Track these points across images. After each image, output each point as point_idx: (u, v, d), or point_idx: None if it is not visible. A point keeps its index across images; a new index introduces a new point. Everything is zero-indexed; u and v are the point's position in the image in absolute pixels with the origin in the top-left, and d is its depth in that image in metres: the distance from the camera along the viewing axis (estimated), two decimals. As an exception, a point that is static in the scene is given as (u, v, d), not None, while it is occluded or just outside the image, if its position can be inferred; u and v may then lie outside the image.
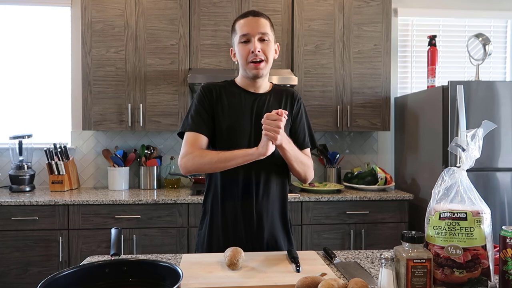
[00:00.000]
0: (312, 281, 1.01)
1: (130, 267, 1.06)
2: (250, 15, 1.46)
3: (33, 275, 2.57)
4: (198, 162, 1.40)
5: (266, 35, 1.45)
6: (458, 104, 2.56)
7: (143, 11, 2.89)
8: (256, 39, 1.43)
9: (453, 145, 1.04)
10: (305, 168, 1.50)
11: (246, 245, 1.44)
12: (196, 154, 1.41)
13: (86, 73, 2.88)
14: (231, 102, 1.50)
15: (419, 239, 0.97)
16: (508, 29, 3.58)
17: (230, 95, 1.51)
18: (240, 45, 1.46)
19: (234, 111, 1.48)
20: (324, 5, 3.03)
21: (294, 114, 1.55)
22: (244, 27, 1.45)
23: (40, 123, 3.22)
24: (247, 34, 1.43)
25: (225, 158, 1.36)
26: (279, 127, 1.28)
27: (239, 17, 1.49)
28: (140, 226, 2.63)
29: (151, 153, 3.16)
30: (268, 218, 1.50)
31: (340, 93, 3.06)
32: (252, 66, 1.45)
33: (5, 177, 3.09)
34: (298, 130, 1.55)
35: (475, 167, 1.11)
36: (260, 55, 1.43)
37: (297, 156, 1.44)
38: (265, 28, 1.45)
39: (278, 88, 1.59)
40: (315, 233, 2.77)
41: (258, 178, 1.48)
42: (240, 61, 1.48)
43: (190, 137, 1.46)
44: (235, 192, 1.48)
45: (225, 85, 1.55)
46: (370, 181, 3.05)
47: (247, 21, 1.45)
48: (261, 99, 1.52)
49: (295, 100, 1.57)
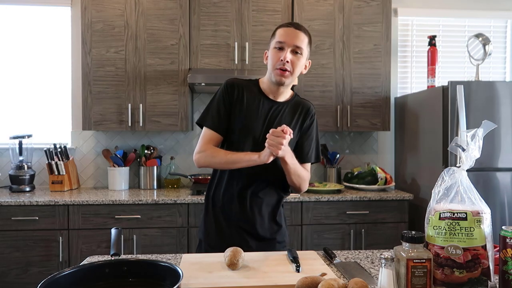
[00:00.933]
0: (312, 281, 1.01)
1: (130, 267, 1.06)
2: (292, 26, 1.53)
3: (33, 275, 2.57)
4: (209, 160, 1.54)
5: (300, 49, 1.52)
6: (458, 104, 2.56)
7: (143, 11, 2.89)
8: (289, 49, 1.50)
9: (453, 145, 1.04)
10: (301, 181, 1.58)
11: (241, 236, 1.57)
12: (208, 153, 1.54)
13: (86, 73, 2.88)
14: (250, 105, 1.57)
15: (419, 239, 0.97)
16: (508, 29, 3.58)
17: (250, 97, 1.58)
18: (274, 50, 1.53)
19: (250, 113, 1.56)
20: (324, 5, 3.03)
21: (304, 128, 1.62)
22: (282, 35, 1.51)
23: (40, 123, 3.22)
24: (283, 42, 1.50)
25: (232, 160, 1.49)
26: (281, 143, 1.37)
27: (283, 25, 1.56)
28: (140, 226, 2.63)
29: (151, 153, 3.16)
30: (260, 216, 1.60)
31: (340, 93, 3.06)
32: (278, 73, 1.51)
33: (5, 177, 3.09)
34: (305, 144, 1.62)
35: (475, 167, 1.11)
36: (288, 66, 1.50)
37: (296, 169, 1.53)
38: (301, 43, 1.51)
39: (296, 100, 1.64)
40: (315, 233, 2.77)
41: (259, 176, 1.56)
42: (269, 64, 1.55)
43: (207, 134, 1.57)
44: (235, 186, 1.58)
45: (249, 85, 1.62)
46: (370, 181, 3.05)
47: (287, 30, 1.52)
48: (277, 107, 1.59)
49: (308, 115, 1.63)
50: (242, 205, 1.58)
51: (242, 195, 1.57)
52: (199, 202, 2.65)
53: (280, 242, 1.65)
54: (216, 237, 1.60)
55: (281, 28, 1.54)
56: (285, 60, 1.48)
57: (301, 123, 1.61)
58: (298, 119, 1.60)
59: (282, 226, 1.66)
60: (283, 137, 1.36)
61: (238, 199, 1.58)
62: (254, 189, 1.58)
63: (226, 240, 1.52)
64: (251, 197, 1.58)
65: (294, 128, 1.57)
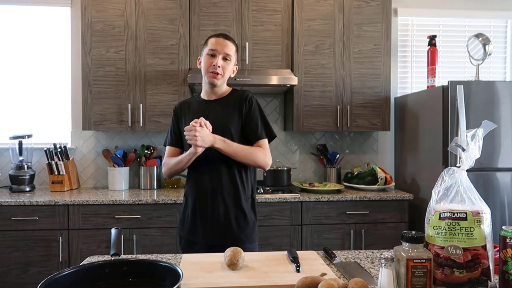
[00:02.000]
0: (312, 281, 1.01)
1: (130, 267, 1.06)
2: (222, 37, 1.79)
3: (33, 275, 2.57)
4: (167, 168, 1.82)
5: (229, 56, 1.78)
6: (458, 104, 2.56)
7: (143, 11, 2.89)
8: (220, 56, 1.76)
9: (453, 145, 1.04)
10: (252, 158, 1.73)
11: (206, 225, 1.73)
12: (166, 163, 1.84)
13: (86, 73, 2.88)
14: (191, 111, 1.83)
15: (419, 239, 0.97)
16: (508, 29, 3.58)
17: (191, 106, 1.86)
18: (207, 57, 1.77)
19: (191, 117, 1.74)
20: (324, 5, 3.03)
21: (245, 113, 1.78)
22: (215, 44, 1.77)
23: (40, 123, 3.22)
24: (215, 50, 1.76)
25: (178, 161, 1.75)
26: (194, 136, 1.60)
27: (214, 35, 1.82)
28: (140, 226, 2.63)
29: (151, 153, 3.16)
30: (224, 205, 1.74)
31: (340, 93, 3.06)
32: (211, 75, 1.75)
33: (5, 177, 3.09)
34: (251, 124, 1.78)
35: (475, 167, 1.11)
36: (219, 70, 1.75)
37: (236, 151, 1.70)
38: (230, 51, 1.78)
39: (234, 92, 1.85)
40: (315, 233, 2.77)
41: (210, 170, 1.75)
42: (203, 69, 1.79)
43: (166, 150, 1.88)
44: (197, 180, 1.78)
45: (190, 100, 1.91)
46: (370, 181, 3.05)
47: (218, 40, 1.78)
48: (214, 104, 1.81)
49: (245, 100, 1.79)
50: (206, 196, 1.74)
51: (203, 187, 1.75)
52: (199, 202, 2.65)
53: (244, 228, 1.74)
54: (189, 231, 1.78)
55: (212, 38, 1.80)
56: (217, 65, 1.73)
57: (239, 109, 1.77)
58: (234, 107, 1.78)
59: (247, 215, 1.76)
60: (195, 129, 1.59)
61: (200, 191, 1.75)
62: (212, 179, 1.74)
63: (197, 232, 1.75)
64: (212, 187, 1.73)
65: (232, 116, 1.76)
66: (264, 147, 1.78)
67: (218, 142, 1.66)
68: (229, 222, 1.73)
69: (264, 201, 2.69)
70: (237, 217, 1.74)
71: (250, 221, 1.77)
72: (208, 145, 1.64)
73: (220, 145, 1.67)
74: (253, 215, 1.80)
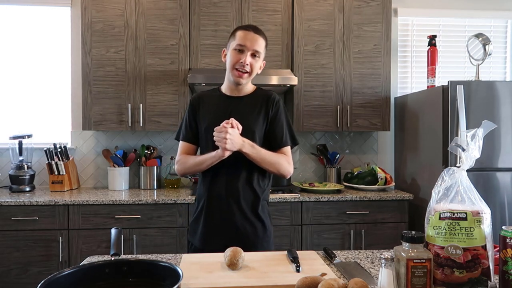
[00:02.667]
0: (312, 281, 1.01)
1: (130, 267, 1.06)
2: (252, 29, 1.62)
3: (33, 275, 2.57)
4: (183, 167, 1.69)
5: (258, 53, 1.63)
6: (458, 104, 2.56)
7: (143, 11, 2.89)
8: (249, 53, 1.61)
9: (453, 145, 1.04)
10: (277, 166, 1.63)
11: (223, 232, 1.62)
12: (181, 161, 1.70)
13: (86, 73, 2.88)
14: (211, 106, 1.69)
15: (419, 239, 0.97)
16: (508, 29, 3.58)
17: (211, 100, 1.71)
18: (234, 52, 1.62)
19: (212, 113, 1.66)
20: (324, 5, 3.03)
21: (271, 116, 1.67)
22: (243, 39, 1.61)
23: (40, 123, 3.22)
24: (243, 46, 1.60)
25: (199, 162, 1.62)
26: (225, 138, 1.47)
27: (242, 27, 1.65)
28: (140, 226, 2.63)
29: (151, 153, 3.16)
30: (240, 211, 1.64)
31: (340, 93, 3.06)
32: (236, 74, 1.62)
33: (5, 177, 3.09)
34: (276, 130, 1.68)
35: (475, 167, 1.11)
36: (247, 68, 1.62)
37: (263, 157, 1.59)
38: (260, 47, 1.63)
39: (258, 92, 1.73)
40: (315, 233, 2.77)
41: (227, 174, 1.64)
42: (228, 64, 1.65)
43: (180, 146, 1.74)
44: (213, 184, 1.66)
45: (210, 93, 1.76)
46: (370, 181, 3.05)
47: (248, 34, 1.61)
48: (238, 102, 1.68)
49: (271, 103, 1.68)
50: (220, 200, 1.63)
51: (219, 191, 1.64)
52: (199, 202, 2.65)
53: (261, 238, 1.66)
54: (203, 239, 1.65)
55: (241, 30, 1.63)
56: (245, 63, 1.60)
57: (265, 111, 1.67)
58: (261, 108, 1.67)
59: (264, 222, 1.67)
60: (225, 131, 1.46)
61: (215, 194, 1.64)
62: (229, 183, 1.63)
63: (209, 237, 1.63)
64: (228, 192, 1.63)
65: (257, 117, 1.65)
66: (288, 155, 1.68)
67: (247, 147, 1.54)
68: (245, 230, 1.63)
69: (264, 201, 2.68)
70: (254, 225, 1.64)
71: (268, 229, 1.68)
72: (237, 149, 1.51)
73: (249, 150, 1.55)
74: (269, 221, 1.71)
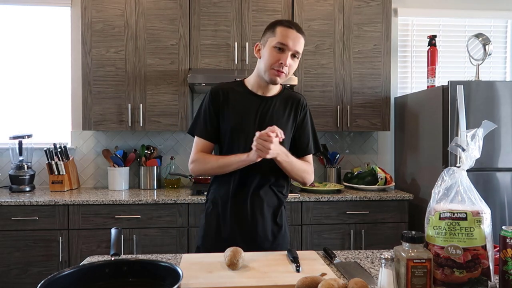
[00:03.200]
0: (312, 281, 1.01)
1: (130, 267, 1.06)
2: (295, 28, 1.50)
3: (33, 275, 2.57)
4: (202, 168, 1.55)
5: (298, 54, 1.52)
6: (458, 104, 2.56)
7: (143, 11, 2.89)
8: (290, 53, 1.49)
9: (453, 145, 1.04)
10: (303, 175, 1.58)
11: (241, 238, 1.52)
12: (200, 160, 1.55)
13: (86, 73, 2.88)
14: (237, 104, 1.56)
15: (419, 239, 0.97)
16: (508, 29, 3.58)
17: (237, 96, 1.58)
18: (273, 50, 1.49)
19: (239, 112, 1.54)
20: (324, 5, 3.03)
21: (298, 121, 1.60)
22: (286, 37, 1.48)
23: (40, 123, 3.22)
24: (285, 45, 1.48)
25: (223, 164, 1.50)
26: (269, 148, 1.37)
27: (284, 24, 1.51)
28: (140, 226, 2.63)
29: (151, 153, 3.16)
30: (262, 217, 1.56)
31: (340, 93, 3.06)
32: (274, 73, 1.50)
33: (5, 177, 3.09)
34: (302, 136, 1.61)
35: (475, 167, 1.11)
36: (285, 69, 1.50)
37: (293, 166, 1.53)
38: (301, 48, 1.52)
39: (286, 93, 1.63)
40: (315, 233, 2.77)
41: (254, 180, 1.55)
42: (265, 62, 1.51)
43: (198, 143, 1.58)
44: (234, 186, 1.55)
45: (233, 86, 1.61)
46: (370, 181, 3.05)
47: (291, 33, 1.48)
48: (267, 102, 1.57)
49: (300, 107, 1.61)
50: (242, 205, 1.54)
51: (242, 195, 1.54)
52: (199, 202, 2.65)
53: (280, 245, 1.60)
54: (214, 241, 1.56)
55: (282, 27, 1.49)
56: (285, 64, 1.48)
57: (294, 115, 1.60)
58: (290, 112, 1.59)
59: (282, 227, 1.62)
60: (270, 141, 1.36)
61: (237, 199, 1.55)
62: (254, 188, 1.55)
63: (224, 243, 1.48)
64: (252, 197, 1.55)
65: (287, 122, 1.57)
66: (311, 163, 1.63)
67: (282, 156, 1.47)
68: (266, 238, 1.56)
69: (264, 201, 2.68)
70: (274, 231, 1.58)
71: (286, 234, 1.63)
72: (273, 157, 1.43)
73: (282, 159, 1.48)
74: (287, 227, 1.65)
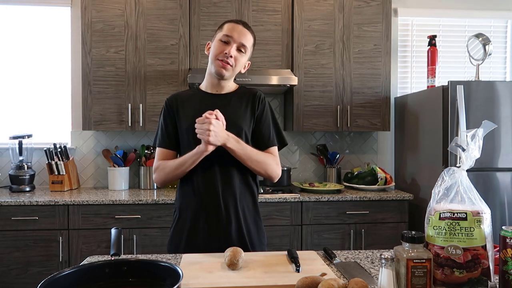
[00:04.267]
0: (312, 281, 1.01)
1: (130, 267, 1.06)
2: (241, 24, 1.54)
3: (33, 275, 2.57)
4: (162, 174, 1.52)
5: (244, 48, 1.53)
6: (458, 104, 2.56)
7: (143, 11, 2.89)
8: (235, 45, 1.51)
9: (453, 145, 1.04)
10: (264, 166, 1.52)
11: (210, 239, 1.48)
12: (160, 167, 1.53)
13: (86, 73, 2.88)
14: (192, 106, 1.55)
15: (419, 239, 0.97)
16: (508, 29, 3.58)
17: (190, 99, 1.58)
18: (219, 42, 1.52)
19: (194, 113, 1.48)
20: (324, 5, 3.03)
21: (257, 115, 1.57)
22: (232, 30, 1.51)
23: (40, 123, 3.22)
24: (230, 37, 1.50)
25: (179, 163, 1.47)
26: (208, 129, 1.35)
27: (232, 20, 1.56)
28: (140, 226, 2.63)
29: (151, 153, 3.16)
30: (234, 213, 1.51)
31: (340, 93, 3.06)
32: (219, 64, 1.50)
33: (5, 177, 3.09)
34: (263, 129, 1.58)
35: (475, 167, 1.11)
36: (231, 60, 1.50)
37: (249, 155, 1.48)
38: (247, 42, 1.53)
39: (242, 90, 1.62)
40: (315, 233, 2.77)
41: (220, 173, 1.51)
42: (212, 55, 1.54)
43: (158, 153, 1.58)
44: (199, 188, 1.51)
45: (188, 92, 1.64)
46: (370, 181, 3.05)
47: (236, 27, 1.52)
48: (221, 99, 1.56)
49: (257, 100, 1.58)
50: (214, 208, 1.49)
51: (213, 196, 1.49)
52: (199, 202, 2.65)
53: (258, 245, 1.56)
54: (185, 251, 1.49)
55: (230, 23, 1.54)
56: (229, 54, 1.49)
57: (251, 109, 1.56)
58: (247, 107, 1.56)
59: (258, 225, 1.58)
60: (209, 122, 1.35)
61: (204, 198, 1.50)
62: (221, 184, 1.50)
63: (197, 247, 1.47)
64: (223, 199, 1.49)
65: (244, 116, 1.54)
66: (275, 155, 1.58)
67: (231, 142, 1.42)
68: (243, 238, 1.51)
69: (264, 201, 2.68)
70: (250, 230, 1.54)
71: (261, 232, 1.58)
72: (221, 143, 1.40)
73: (233, 145, 1.43)
74: (261, 223, 1.61)
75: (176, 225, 1.57)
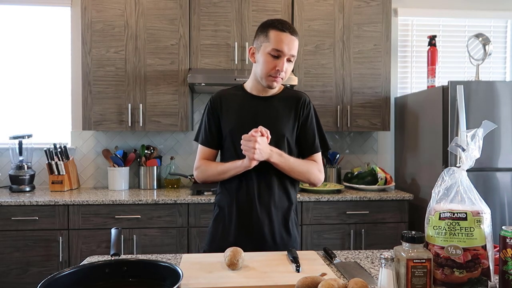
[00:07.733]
0: (312, 281, 1.01)
1: (130, 267, 1.06)
2: (288, 31, 1.46)
3: (33, 275, 2.57)
4: (204, 175, 1.59)
5: (294, 58, 1.50)
6: (458, 104, 2.56)
7: (143, 11, 2.89)
8: (285, 58, 1.47)
9: (453, 145, 1.04)
10: (307, 175, 1.55)
11: (248, 243, 1.47)
12: (202, 168, 1.59)
13: (86, 73, 2.88)
14: (235, 107, 1.57)
15: (419, 239, 0.97)
16: (508, 29, 3.58)
17: (235, 100, 1.59)
18: (269, 57, 1.47)
19: (238, 115, 1.54)
20: (324, 5, 3.03)
21: (302, 120, 1.57)
22: (280, 43, 1.45)
23: (40, 123, 3.22)
24: (280, 51, 1.46)
25: (222, 171, 1.53)
26: (253, 147, 1.38)
27: (277, 27, 1.47)
28: (140, 226, 2.63)
29: (151, 153, 3.16)
30: (269, 221, 1.54)
31: (340, 93, 3.06)
32: (271, 79, 1.50)
33: (5, 177, 3.09)
34: (307, 135, 1.58)
35: (475, 167, 1.11)
36: (282, 74, 1.49)
37: (292, 167, 1.51)
38: (296, 50, 1.50)
39: (287, 92, 1.62)
40: (315, 233, 2.77)
41: (259, 177, 1.53)
42: (262, 70, 1.50)
43: (200, 150, 1.62)
44: (236, 193, 1.55)
45: (232, 91, 1.63)
46: (370, 181, 3.05)
47: (285, 37, 1.46)
48: (265, 102, 1.56)
49: (303, 105, 1.57)
50: (247, 209, 1.53)
51: (247, 199, 1.53)
52: (199, 202, 2.65)
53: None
54: (220, 247, 1.48)
55: (276, 31, 1.46)
56: (282, 70, 1.47)
57: (295, 114, 1.56)
58: (291, 111, 1.56)
59: (291, 235, 1.58)
60: (255, 140, 1.37)
61: (241, 203, 1.54)
62: (258, 192, 1.53)
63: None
64: (257, 200, 1.53)
65: (287, 122, 1.55)
66: (319, 162, 1.59)
67: (275, 156, 1.46)
68: (275, 242, 1.53)
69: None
70: (283, 234, 1.55)
71: (294, 239, 1.59)
72: (264, 158, 1.43)
73: (277, 160, 1.47)
74: (296, 229, 1.61)
75: (215, 220, 1.62)
